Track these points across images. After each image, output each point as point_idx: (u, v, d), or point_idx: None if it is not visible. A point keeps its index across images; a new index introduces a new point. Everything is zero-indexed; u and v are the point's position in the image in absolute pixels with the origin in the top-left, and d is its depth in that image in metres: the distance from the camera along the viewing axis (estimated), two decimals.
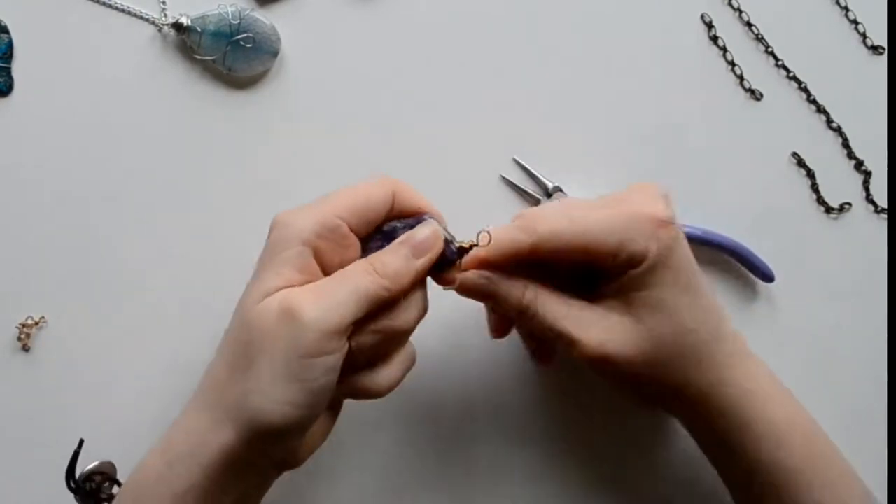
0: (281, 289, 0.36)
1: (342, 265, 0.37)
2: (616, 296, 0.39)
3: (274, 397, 0.34)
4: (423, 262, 0.37)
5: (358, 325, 0.36)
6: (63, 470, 0.46)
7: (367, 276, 0.36)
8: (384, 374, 0.38)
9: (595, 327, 0.39)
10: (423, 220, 0.39)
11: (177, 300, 0.48)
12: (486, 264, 0.39)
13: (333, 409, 0.40)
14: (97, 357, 0.48)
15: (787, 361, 0.50)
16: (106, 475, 0.41)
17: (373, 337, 0.36)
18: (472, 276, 0.39)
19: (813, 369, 0.50)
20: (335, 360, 0.35)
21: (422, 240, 0.37)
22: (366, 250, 0.38)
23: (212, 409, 0.36)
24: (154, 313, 0.48)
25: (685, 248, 0.40)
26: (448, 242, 0.38)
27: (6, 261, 0.48)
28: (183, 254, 0.49)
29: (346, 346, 0.35)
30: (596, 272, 0.40)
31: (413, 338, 0.39)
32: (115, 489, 0.41)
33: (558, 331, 0.39)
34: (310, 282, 0.36)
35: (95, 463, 0.41)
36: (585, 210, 0.39)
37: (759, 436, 0.39)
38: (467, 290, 0.39)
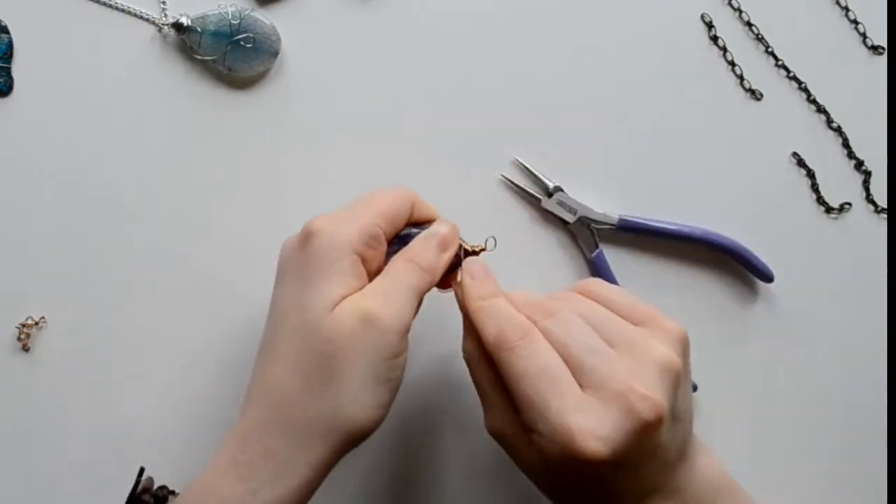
0: (344, 297, 0.36)
1: (378, 270, 0.39)
2: None
3: (367, 402, 0.35)
4: (448, 254, 0.40)
5: None
6: (60, 468, 0.46)
7: (414, 273, 0.38)
8: None
9: (500, 415, 0.37)
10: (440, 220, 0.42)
11: (177, 300, 0.48)
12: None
13: None
14: (97, 357, 0.48)
15: (786, 362, 0.51)
16: (149, 490, 0.41)
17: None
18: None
19: (813, 369, 0.50)
20: (406, 355, 0.37)
21: (445, 233, 0.40)
22: (395, 249, 0.40)
23: (289, 427, 0.35)
24: (154, 313, 0.48)
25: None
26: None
27: (6, 261, 0.48)
28: (183, 253, 0.49)
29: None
30: None
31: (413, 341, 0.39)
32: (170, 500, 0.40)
33: (480, 394, 0.38)
34: (362, 287, 0.37)
35: (141, 485, 0.41)
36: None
37: None
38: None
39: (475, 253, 0.41)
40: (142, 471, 0.41)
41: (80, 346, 0.48)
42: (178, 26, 0.48)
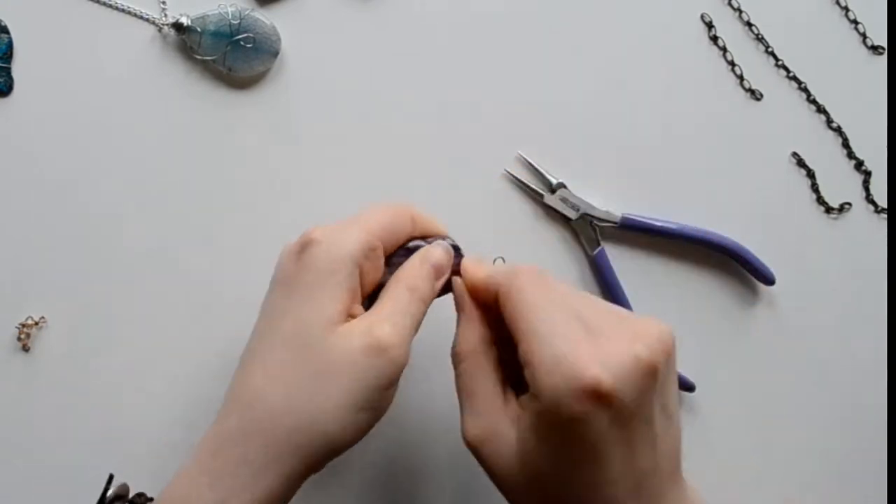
0: (342, 313, 0.36)
1: (372, 284, 0.38)
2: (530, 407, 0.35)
3: (350, 425, 0.35)
4: (442, 282, 0.39)
5: None
6: (60, 468, 0.46)
7: (415, 304, 0.37)
8: None
9: (484, 416, 0.36)
10: (439, 240, 0.41)
11: (177, 300, 0.48)
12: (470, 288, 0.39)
13: None
14: (97, 357, 0.48)
15: (786, 361, 0.51)
16: (124, 497, 0.40)
17: None
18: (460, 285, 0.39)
19: (813, 369, 0.50)
20: (396, 386, 0.36)
21: (439, 262, 0.39)
22: (389, 263, 0.39)
23: (266, 437, 0.35)
24: (154, 313, 0.48)
25: (604, 434, 0.32)
26: (457, 252, 0.41)
27: (6, 261, 0.48)
28: (183, 253, 0.49)
29: None
30: None
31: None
32: None
33: (460, 400, 0.37)
34: (354, 301, 0.37)
35: (112, 489, 0.40)
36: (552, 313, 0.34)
37: None
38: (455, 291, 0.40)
39: None
40: (111, 478, 0.41)
41: (80, 346, 0.48)
42: (178, 26, 0.48)
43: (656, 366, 0.33)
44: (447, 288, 0.40)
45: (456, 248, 0.40)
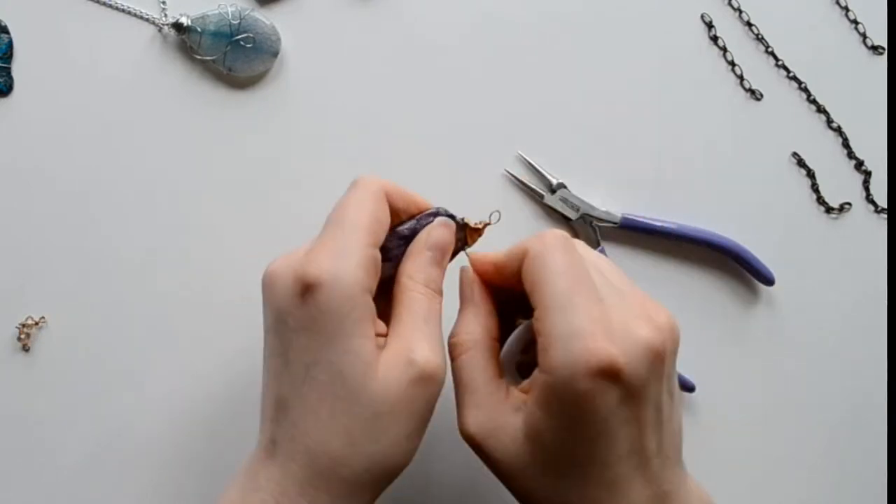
0: (373, 351, 0.35)
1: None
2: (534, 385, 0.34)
3: (410, 450, 0.35)
4: (447, 262, 0.39)
5: None
6: (60, 468, 0.46)
7: (434, 302, 0.37)
8: None
9: (484, 405, 0.36)
10: (436, 214, 0.39)
11: (177, 300, 0.48)
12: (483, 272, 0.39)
13: None
14: (97, 357, 0.48)
15: (786, 361, 0.51)
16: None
17: None
18: (468, 273, 0.39)
19: (813, 369, 0.50)
20: None
21: (440, 243, 0.39)
22: (388, 256, 0.38)
23: (335, 482, 0.34)
24: (154, 313, 0.48)
25: (613, 416, 0.33)
26: (459, 226, 0.40)
27: (6, 261, 0.48)
28: (183, 253, 0.49)
29: None
30: None
31: None
32: None
33: (460, 390, 0.37)
34: (374, 322, 0.36)
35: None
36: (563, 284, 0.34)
37: None
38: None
39: (478, 230, 0.40)
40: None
41: (80, 346, 0.48)
42: (178, 26, 0.48)
43: (665, 351, 0.33)
44: (457, 250, 0.39)
45: (450, 217, 0.39)
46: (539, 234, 0.36)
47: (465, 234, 0.40)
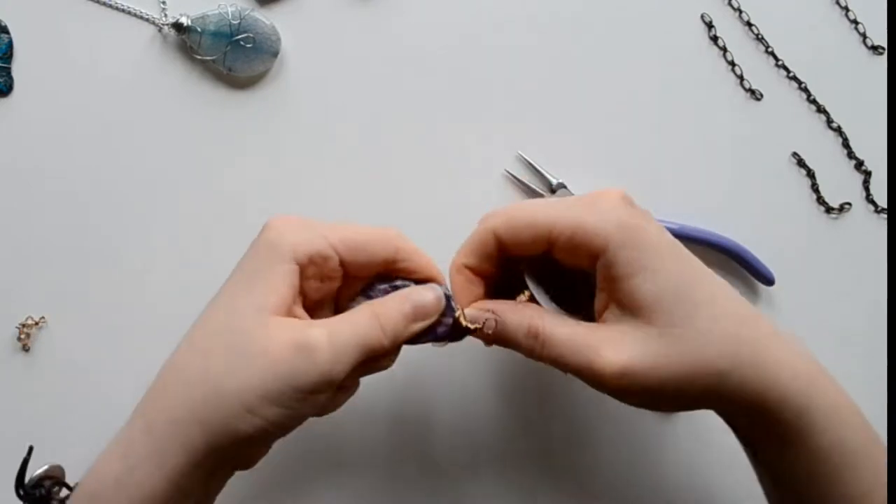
0: (277, 306, 0.35)
1: (319, 293, 0.38)
2: (617, 306, 0.36)
3: (258, 414, 0.34)
4: (420, 326, 0.37)
5: None
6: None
7: (372, 330, 0.36)
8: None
9: (609, 346, 0.35)
10: (434, 285, 0.38)
11: (177, 300, 0.48)
12: (469, 270, 0.39)
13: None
14: (97, 357, 0.48)
15: None
16: (56, 479, 0.37)
17: (352, 374, 0.36)
18: (474, 311, 0.38)
19: None
20: (324, 398, 0.35)
21: (426, 304, 0.37)
22: (368, 295, 0.38)
23: (178, 410, 0.34)
24: (154, 313, 0.48)
25: (657, 230, 0.36)
26: (449, 304, 0.38)
27: (6, 261, 0.48)
28: (183, 254, 0.49)
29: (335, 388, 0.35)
30: (590, 292, 0.37)
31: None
32: (64, 492, 0.36)
33: (571, 359, 0.35)
34: (294, 302, 0.36)
35: (44, 467, 0.37)
36: (542, 202, 0.38)
37: (825, 418, 0.35)
38: (478, 334, 0.38)
39: (467, 329, 0.37)
40: (30, 450, 0.37)
41: (80, 346, 0.48)
42: (178, 26, 0.48)
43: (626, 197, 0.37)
44: (426, 337, 0.37)
45: (448, 299, 0.38)
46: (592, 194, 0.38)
47: (453, 327, 0.38)
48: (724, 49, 0.51)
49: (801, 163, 0.51)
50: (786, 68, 0.51)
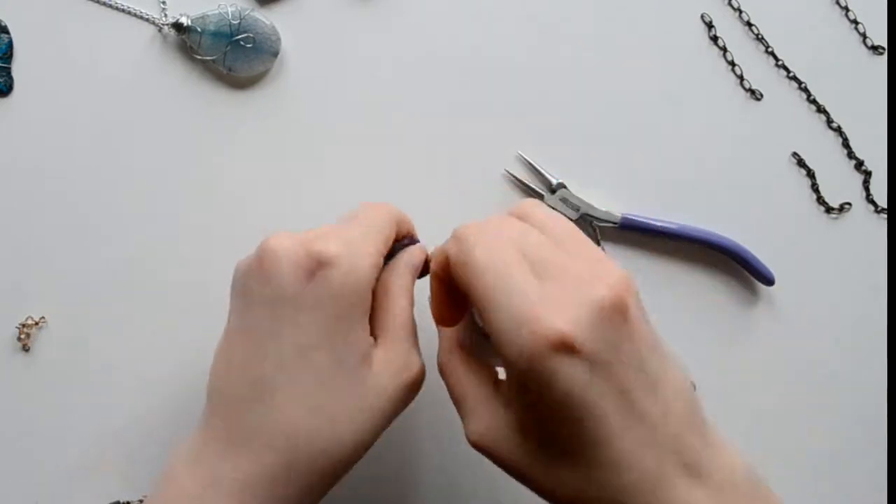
0: (372, 344, 0.36)
1: None
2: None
3: (366, 448, 0.36)
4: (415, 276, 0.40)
5: None
6: (60, 469, 0.46)
7: (412, 316, 0.38)
8: None
9: (478, 413, 0.34)
10: (411, 242, 0.41)
11: (177, 300, 0.48)
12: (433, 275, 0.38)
13: None
14: (97, 357, 0.48)
15: (786, 361, 0.51)
16: None
17: None
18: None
19: (813, 369, 0.50)
20: None
21: (419, 264, 0.40)
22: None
23: (310, 475, 0.34)
24: (154, 313, 0.48)
25: (582, 387, 0.30)
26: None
27: (6, 261, 0.48)
28: (183, 253, 0.49)
29: None
30: None
31: None
32: None
33: (453, 396, 0.36)
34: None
35: None
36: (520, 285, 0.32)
37: None
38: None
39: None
40: None
41: (80, 346, 0.48)
42: (178, 26, 0.48)
43: (623, 305, 0.31)
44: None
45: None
46: (453, 235, 0.35)
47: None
48: (724, 49, 0.51)
49: (801, 163, 0.51)
50: (786, 68, 0.51)
